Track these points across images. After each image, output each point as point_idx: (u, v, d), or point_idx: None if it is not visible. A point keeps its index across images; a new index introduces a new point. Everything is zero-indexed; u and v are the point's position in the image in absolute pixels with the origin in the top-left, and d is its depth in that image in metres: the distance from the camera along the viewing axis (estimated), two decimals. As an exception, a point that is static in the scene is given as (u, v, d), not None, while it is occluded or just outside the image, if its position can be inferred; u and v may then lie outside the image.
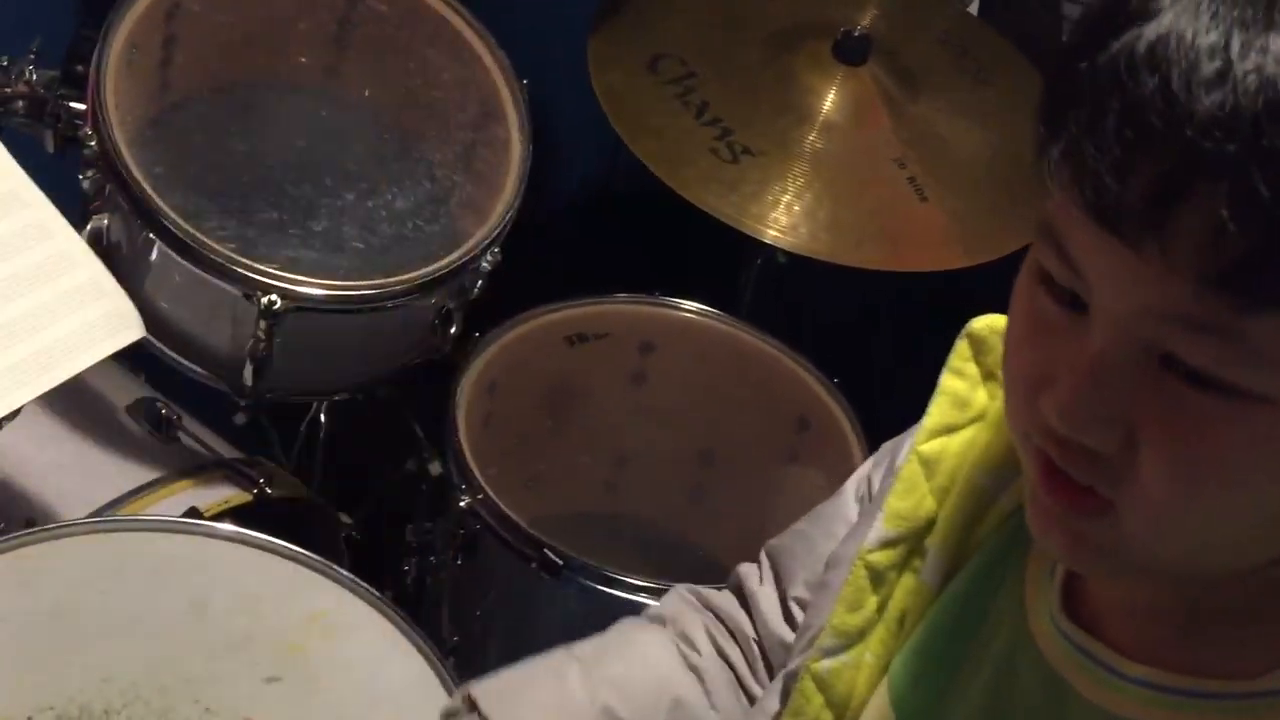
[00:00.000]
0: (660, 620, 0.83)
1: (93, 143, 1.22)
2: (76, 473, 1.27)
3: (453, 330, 1.34)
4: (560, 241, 1.56)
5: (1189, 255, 0.46)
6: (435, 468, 1.51)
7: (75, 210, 1.22)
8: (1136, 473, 0.50)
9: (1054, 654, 0.60)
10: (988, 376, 0.68)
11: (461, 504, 1.28)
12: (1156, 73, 0.46)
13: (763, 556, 0.83)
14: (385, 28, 1.37)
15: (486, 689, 0.77)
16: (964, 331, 0.69)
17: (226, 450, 1.35)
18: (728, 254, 1.49)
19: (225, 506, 1.27)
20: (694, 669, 0.80)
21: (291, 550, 1.10)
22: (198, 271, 1.20)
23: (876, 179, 1.41)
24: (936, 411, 0.68)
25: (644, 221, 1.71)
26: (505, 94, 1.35)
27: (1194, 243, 0.45)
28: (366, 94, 1.41)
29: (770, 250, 1.46)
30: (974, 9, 1.60)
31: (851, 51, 1.45)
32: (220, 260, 1.20)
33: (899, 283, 1.40)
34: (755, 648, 0.81)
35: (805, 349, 1.44)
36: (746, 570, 0.83)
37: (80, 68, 1.26)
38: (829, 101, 1.44)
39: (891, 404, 0.91)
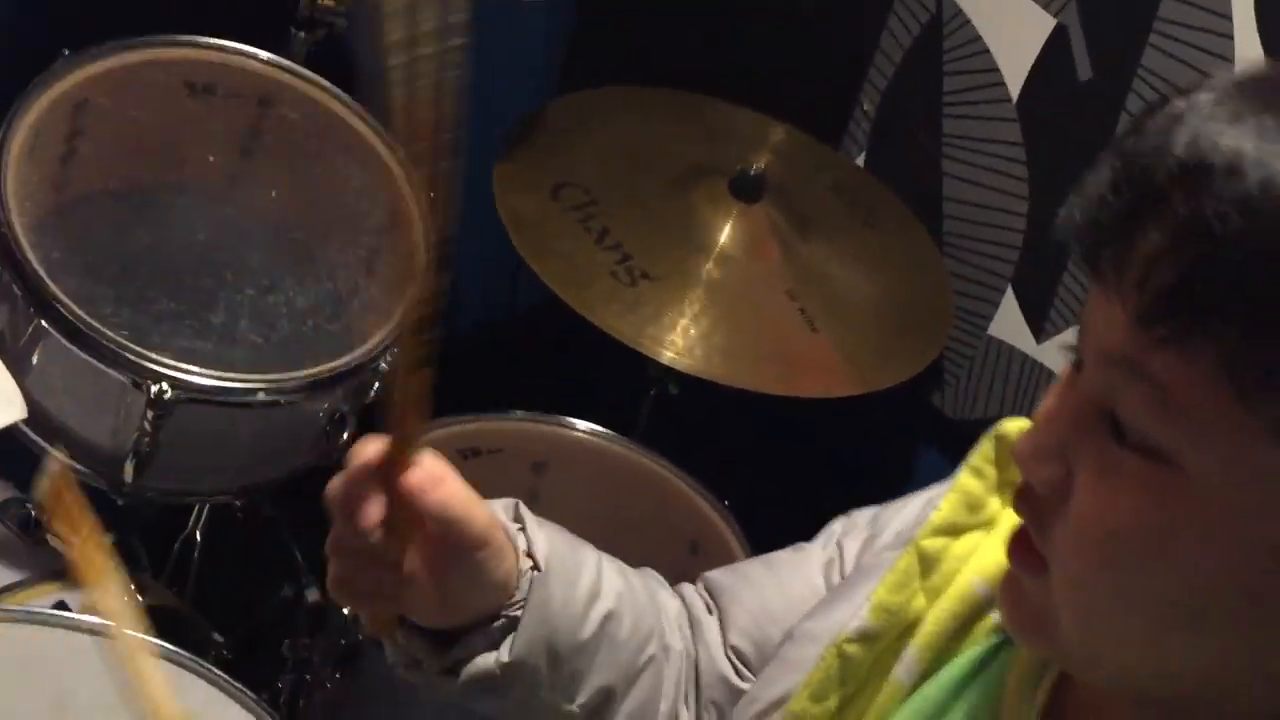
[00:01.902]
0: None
1: (-12, 225, 1.20)
2: (-64, 571, 1.21)
3: (345, 436, 1.32)
4: (460, 355, 1.57)
5: (1131, 291, 0.49)
6: (312, 594, 1.46)
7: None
8: (1063, 525, 0.52)
9: None
10: (1003, 485, 0.66)
11: (345, 611, 1.24)
12: (1168, 128, 0.49)
13: (700, 588, 0.80)
14: (296, 134, 1.39)
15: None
16: (992, 431, 0.67)
17: (96, 558, 1.29)
18: (624, 377, 1.51)
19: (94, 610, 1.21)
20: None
21: (160, 647, 1.05)
22: (86, 358, 1.17)
23: (769, 308, 1.46)
24: (947, 508, 0.66)
25: (544, 341, 1.73)
26: (412, 205, 1.37)
27: (1135, 278, 0.49)
28: (273, 195, 1.42)
29: (665, 377, 1.48)
30: (861, 161, 1.68)
31: (747, 189, 1.51)
32: (110, 346, 1.17)
33: (790, 408, 1.43)
34: (691, 667, 0.77)
35: (698, 471, 1.45)
36: (691, 595, 0.80)
37: (-21, 157, 1.25)
38: (725, 234, 1.49)
39: (780, 525, 0.91)
